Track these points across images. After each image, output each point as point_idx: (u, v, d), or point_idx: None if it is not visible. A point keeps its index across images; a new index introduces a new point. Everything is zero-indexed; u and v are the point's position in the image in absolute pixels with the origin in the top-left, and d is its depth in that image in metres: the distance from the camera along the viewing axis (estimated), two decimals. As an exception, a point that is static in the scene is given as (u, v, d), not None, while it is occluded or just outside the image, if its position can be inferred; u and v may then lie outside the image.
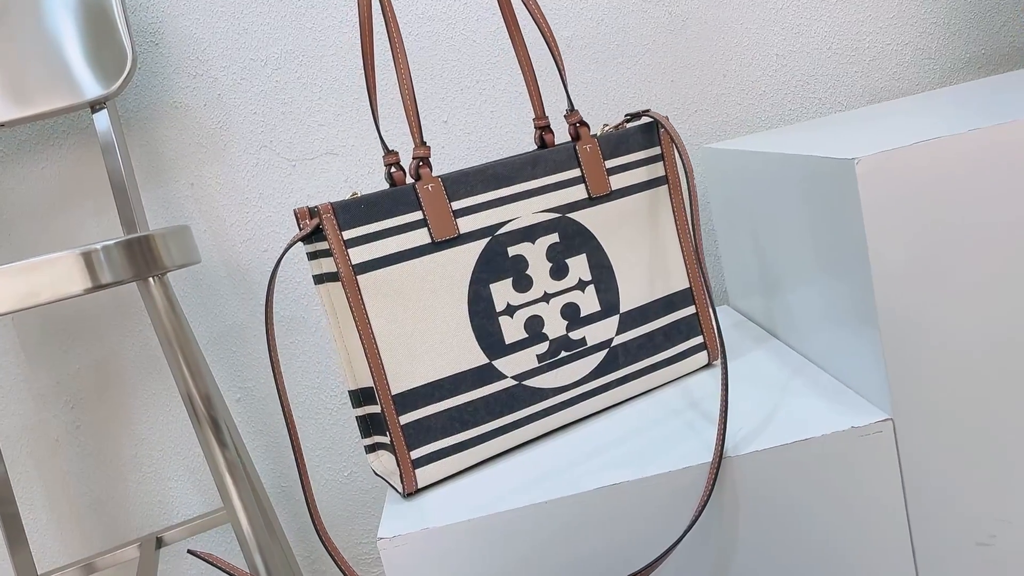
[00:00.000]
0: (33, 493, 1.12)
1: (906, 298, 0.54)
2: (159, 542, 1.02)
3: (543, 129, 0.71)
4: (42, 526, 1.13)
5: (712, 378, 0.73)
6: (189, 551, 0.54)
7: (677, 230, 0.73)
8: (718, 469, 0.56)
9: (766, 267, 0.77)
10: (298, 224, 0.65)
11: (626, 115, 0.72)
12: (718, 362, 0.76)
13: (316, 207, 0.60)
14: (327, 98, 1.05)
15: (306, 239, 0.65)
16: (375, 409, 0.67)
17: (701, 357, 0.74)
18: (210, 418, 0.73)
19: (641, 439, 0.63)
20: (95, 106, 0.93)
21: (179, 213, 1.06)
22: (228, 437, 0.75)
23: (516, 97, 1.06)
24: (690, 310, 0.74)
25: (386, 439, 0.66)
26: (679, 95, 1.07)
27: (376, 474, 0.68)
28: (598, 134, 0.70)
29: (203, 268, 1.07)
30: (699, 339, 0.74)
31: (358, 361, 0.66)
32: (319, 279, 0.66)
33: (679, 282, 0.73)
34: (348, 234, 0.61)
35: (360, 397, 0.68)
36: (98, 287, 0.64)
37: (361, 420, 0.68)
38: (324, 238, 0.62)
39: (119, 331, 1.09)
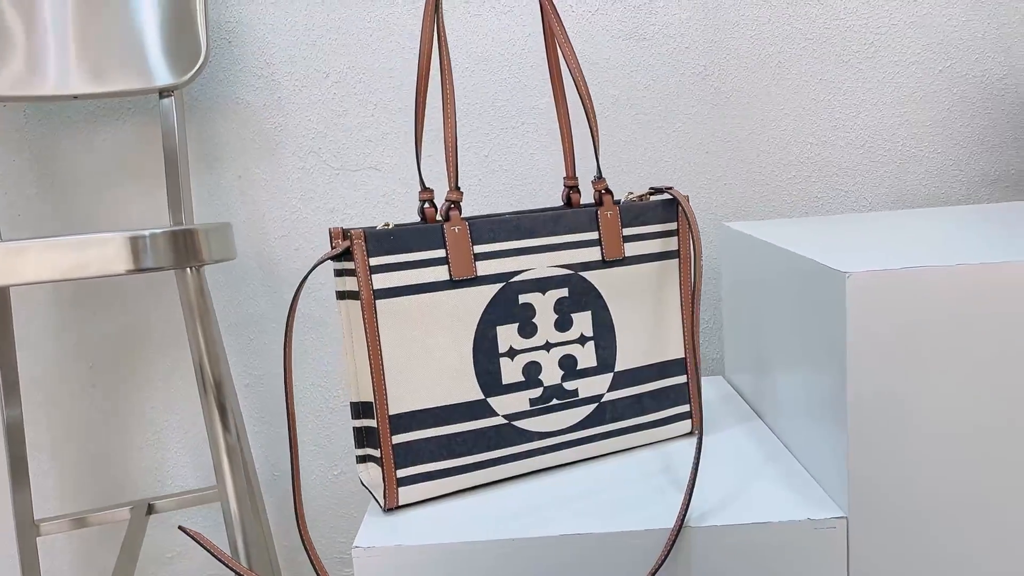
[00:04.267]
0: (41, 441, 1.18)
1: (875, 403, 0.58)
2: (150, 508, 1.07)
3: (571, 188, 0.76)
4: (43, 472, 1.18)
5: (691, 447, 0.77)
6: (180, 527, 0.59)
7: (681, 303, 0.77)
8: (676, 536, 0.60)
9: (759, 347, 0.81)
10: (331, 242, 0.70)
11: (651, 188, 0.77)
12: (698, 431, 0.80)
13: (349, 231, 0.65)
14: (379, 116, 1.11)
15: (335, 257, 0.70)
16: (371, 424, 0.71)
17: (684, 425, 0.78)
18: (219, 403, 0.78)
19: (613, 494, 0.67)
20: (164, 92, 0.99)
21: (224, 201, 1.12)
22: (232, 422, 0.80)
23: (554, 147, 1.11)
24: (680, 379, 0.78)
25: (376, 453, 0.71)
26: (712, 166, 1.11)
27: (362, 484, 0.73)
28: (621, 200, 0.75)
29: (234, 263, 1.13)
30: (685, 407, 0.78)
31: (363, 376, 0.70)
32: (341, 295, 0.71)
33: (675, 351, 0.77)
34: (375, 261, 0.65)
35: (360, 410, 0.72)
36: (140, 270, 0.69)
37: (357, 431, 0.73)
38: (352, 260, 0.67)
39: (147, 305, 1.15)
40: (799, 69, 1.10)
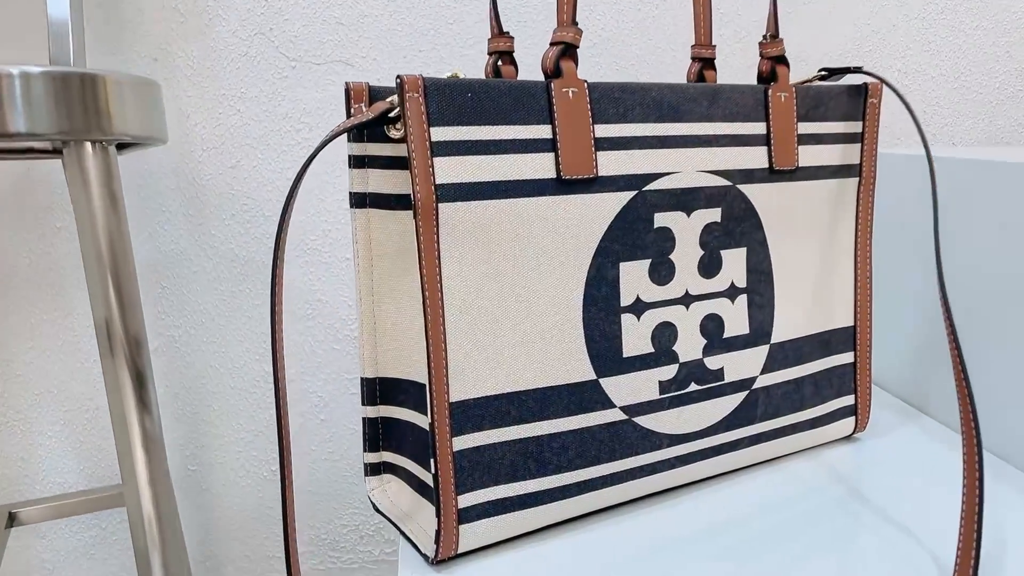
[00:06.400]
0: None
1: None
2: (12, 519, 0.75)
3: (704, 63, 0.50)
4: None
5: (854, 455, 0.52)
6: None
7: (856, 245, 0.52)
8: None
9: (925, 314, 0.57)
10: (347, 105, 0.41)
11: (822, 69, 0.51)
12: (862, 435, 0.56)
13: (400, 79, 0.37)
14: (360, -12, 0.81)
15: (357, 132, 0.41)
16: (401, 414, 0.43)
17: (846, 424, 0.53)
18: (133, 368, 0.48)
19: (776, 524, 0.42)
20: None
21: (133, 90, 0.79)
22: (152, 400, 0.50)
23: (674, 13, 0.84)
24: (846, 358, 0.53)
25: (412, 466, 0.43)
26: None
27: (376, 510, 0.45)
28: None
29: (145, 172, 0.81)
30: (850, 400, 0.53)
31: (389, 336, 0.43)
32: (360, 200, 0.42)
33: (843, 317, 0.52)
34: (439, 134, 0.37)
35: (377, 391, 0.44)
36: (4, 137, 0.38)
37: (371, 425, 0.45)
38: (386, 137, 0.38)
39: (8, 226, 0.81)
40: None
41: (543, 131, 0.40)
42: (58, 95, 0.44)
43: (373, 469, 0.46)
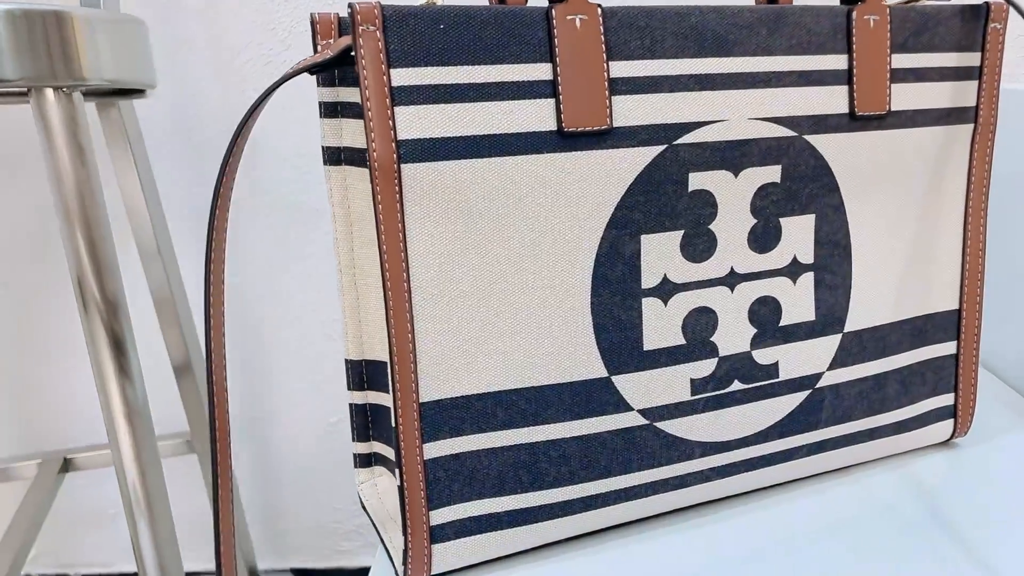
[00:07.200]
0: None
1: None
2: (67, 464, 0.76)
3: (778, -20, 0.39)
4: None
5: (950, 466, 0.42)
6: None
7: (966, 211, 0.41)
8: None
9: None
10: (314, 40, 0.34)
11: (932, -15, 0.40)
12: (963, 440, 0.46)
13: (351, 7, 0.29)
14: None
15: (328, 75, 0.34)
16: (389, 400, 0.38)
17: (942, 428, 0.44)
18: (111, 333, 0.44)
19: (837, 544, 0.34)
20: None
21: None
22: (134, 366, 0.47)
23: None
24: (948, 348, 0.43)
25: (391, 468, 0.38)
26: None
27: (364, 509, 0.40)
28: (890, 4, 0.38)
29: (192, 116, 0.77)
30: (949, 399, 0.43)
31: (374, 314, 0.37)
32: (334, 156, 0.36)
33: (945, 299, 0.42)
34: (401, 77, 0.30)
35: (364, 375, 0.39)
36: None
37: (359, 411, 0.39)
38: (352, 78, 0.32)
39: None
40: None
41: (541, 71, 0.32)
42: (19, 35, 0.39)
43: (363, 460, 0.40)
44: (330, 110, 0.35)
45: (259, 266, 0.82)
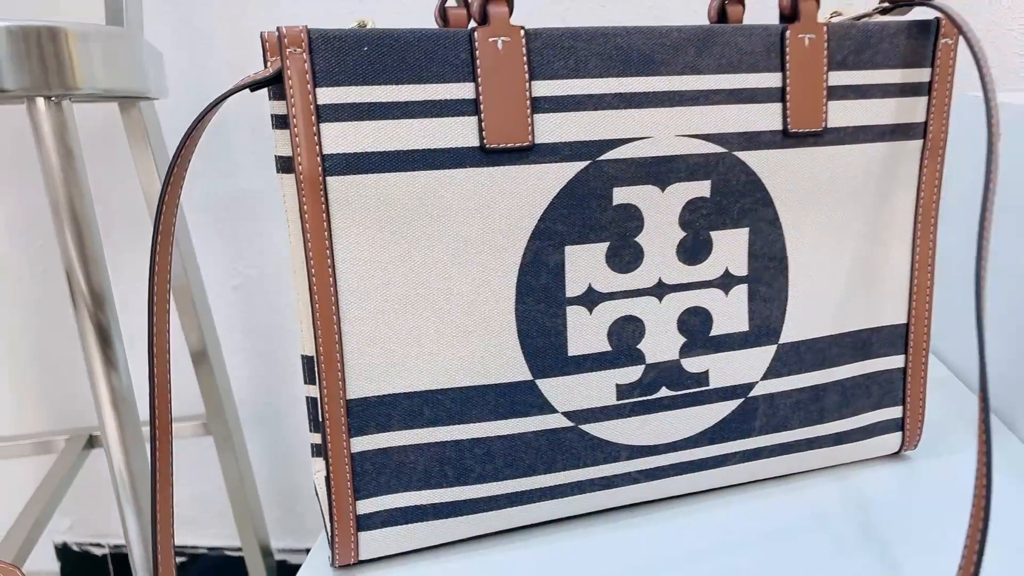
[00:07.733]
0: (-21, 334, 0.92)
1: None
2: (91, 441, 0.81)
3: (729, -4, 0.40)
4: (-18, 375, 0.93)
5: (896, 478, 0.43)
6: None
7: (916, 225, 0.42)
8: None
9: (1038, 318, 0.45)
10: (264, 58, 0.37)
11: (882, 1, 0.40)
12: (912, 452, 0.46)
13: (279, 31, 0.32)
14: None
15: (265, 88, 0.37)
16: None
17: (890, 441, 0.44)
18: (97, 324, 0.48)
19: (767, 551, 0.35)
20: None
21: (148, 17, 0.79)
22: (119, 356, 0.50)
23: None
24: (895, 362, 0.43)
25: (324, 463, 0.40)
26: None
27: (316, 496, 0.42)
28: (828, 22, 0.39)
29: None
30: (896, 412, 0.44)
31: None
32: (286, 165, 0.38)
33: (892, 313, 0.42)
34: (326, 96, 0.32)
35: (312, 370, 0.41)
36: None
37: (313, 404, 0.42)
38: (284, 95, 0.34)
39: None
40: None
41: (464, 90, 0.33)
42: (16, 49, 0.43)
43: (317, 450, 0.43)
44: (280, 122, 0.37)
45: (279, 258, 0.86)
